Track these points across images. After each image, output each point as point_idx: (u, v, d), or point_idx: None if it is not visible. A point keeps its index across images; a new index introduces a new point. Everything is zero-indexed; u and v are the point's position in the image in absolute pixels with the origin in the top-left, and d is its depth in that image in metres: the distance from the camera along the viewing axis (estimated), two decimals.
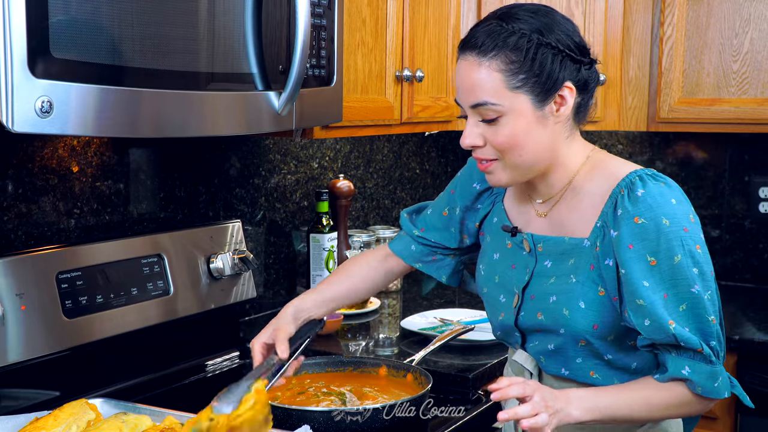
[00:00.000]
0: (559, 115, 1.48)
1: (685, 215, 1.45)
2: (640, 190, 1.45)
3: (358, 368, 1.96)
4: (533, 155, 1.49)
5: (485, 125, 1.48)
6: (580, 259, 1.51)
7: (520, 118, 1.46)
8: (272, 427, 1.62)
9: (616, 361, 1.53)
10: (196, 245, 2.13)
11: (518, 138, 1.47)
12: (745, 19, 2.66)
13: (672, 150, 3.13)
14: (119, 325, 1.91)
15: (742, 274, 3.06)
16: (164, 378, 2.02)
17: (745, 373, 2.42)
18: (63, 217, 1.96)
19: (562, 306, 1.51)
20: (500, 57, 1.44)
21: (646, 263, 1.43)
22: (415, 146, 3.21)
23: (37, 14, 1.31)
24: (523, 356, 1.63)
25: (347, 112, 2.13)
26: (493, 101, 1.45)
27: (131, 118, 1.49)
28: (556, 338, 1.55)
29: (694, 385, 1.45)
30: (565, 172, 1.54)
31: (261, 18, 1.73)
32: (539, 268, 1.56)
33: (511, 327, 1.61)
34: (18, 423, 1.57)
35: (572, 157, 1.54)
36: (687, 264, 1.43)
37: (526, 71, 1.44)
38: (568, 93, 1.47)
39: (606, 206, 1.48)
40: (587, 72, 1.50)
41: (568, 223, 1.54)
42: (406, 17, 2.38)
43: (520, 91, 1.45)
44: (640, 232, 1.43)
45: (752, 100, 2.66)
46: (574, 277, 1.51)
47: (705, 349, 1.43)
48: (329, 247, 2.57)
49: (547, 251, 1.56)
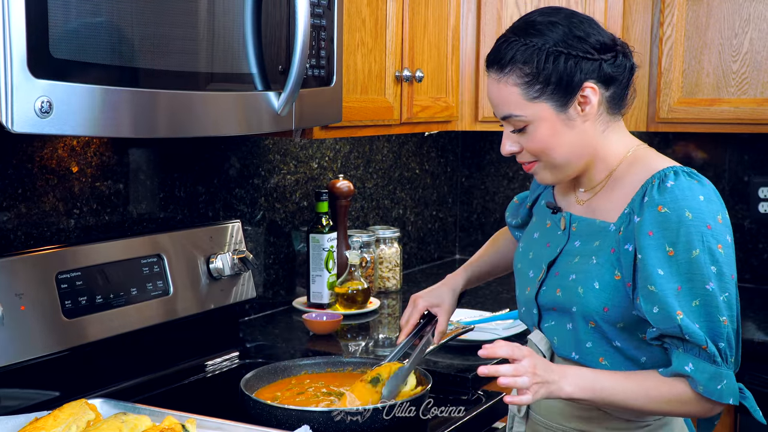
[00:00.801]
0: (585, 114, 1.53)
1: (712, 214, 1.46)
2: (671, 182, 1.48)
3: (357, 368, 1.96)
4: (567, 155, 1.56)
5: (518, 134, 1.56)
6: (604, 242, 1.55)
7: (545, 123, 1.53)
8: (272, 427, 1.62)
9: (626, 350, 1.54)
10: (195, 245, 2.13)
11: (548, 142, 1.54)
12: (745, 19, 2.66)
13: (672, 150, 3.13)
14: (119, 325, 1.91)
15: (742, 274, 3.06)
16: (164, 378, 2.02)
17: (745, 373, 2.42)
18: (63, 217, 1.96)
19: (579, 284, 1.55)
20: (515, 72, 1.52)
21: (664, 252, 1.45)
22: (414, 146, 3.21)
23: (37, 14, 1.31)
24: (538, 336, 1.66)
25: (347, 113, 2.13)
26: (517, 113, 1.54)
27: (131, 118, 1.49)
28: (569, 318, 1.58)
29: (696, 383, 1.45)
30: (606, 165, 1.59)
31: (261, 18, 1.73)
32: (569, 247, 1.61)
33: (531, 302, 1.66)
34: (18, 423, 1.57)
35: (613, 150, 1.59)
36: (705, 260, 1.44)
37: (541, 81, 1.51)
38: (590, 92, 1.52)
39: (636, 194, 1.52)
40: (611, 66, 1.53)
41: (602, 209, 1.59)
42: (405, 17, 2.38)
43: (539, 100, 1.52)
44: (662, 221, 1.46)
45: (752, 101, 2.66)
46: (595, 259, 1.55)
47: (710, 347, 1.43)
48: (329, 247, 2.56)
49: (579, 231, 1.61)
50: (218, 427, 1.60)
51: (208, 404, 1.91)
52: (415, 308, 1.87)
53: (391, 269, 2.85)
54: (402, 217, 3.15)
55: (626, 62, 1.56)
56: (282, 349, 2.24)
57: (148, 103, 1.52)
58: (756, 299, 2.89)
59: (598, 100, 1.53)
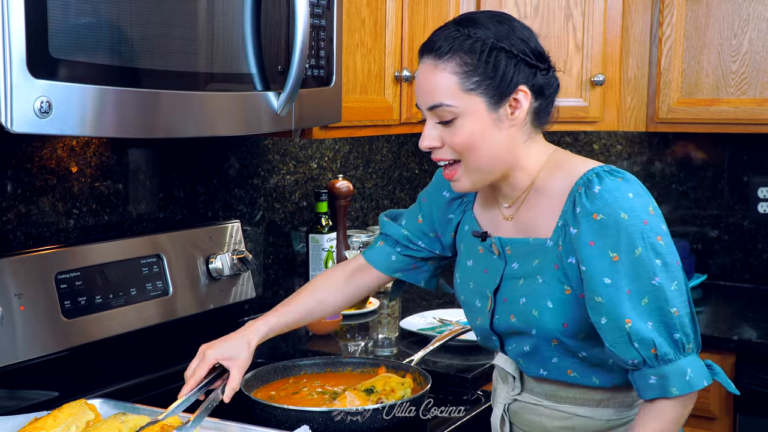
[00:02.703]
0: (514, 118, 1.50)
1: (643, 208, 1.45)
2: (597, 186, 1.46)
3: (357, 368, 1.96)
4: (490, 157, 1.52)
5: (442, 127, 1.51)
6: (545, 259, 1.52)
7: (475, 119, 1.49)
8: (272, 427, 1.62)
9: (592, 358, 1.54)
10: (195, 245, 2.13)
11: (474, 139, 1.49)
12: (744, 19, 2.66)
13: (671, 150, 3.13)
14: (118, 325, 1.91)
15: (741, 274, 3.06)
16: (163, 378, 2.02)
17: (744, 373, 2.42)
18: (62, 217, 1.96)
19: (531, 307, 1.53)
20: (455, 60, 1.48)
21: (608, 259, 1.43)
22: (414, 146, 3.21)
23: (36, 14, 1.31)
24: (502, 359, 1.65)
25: (346, 113, 2.13)
26: (449, 102, 1.48)
27: (130, 118, 1.49)
28: (530, 339, 1.56)
29: (666, 389, 1.43)
30: (526, 174, 1.56)
31: (260, 18, 1.73)
32: (508, 271, 1.58)
33: (487, 331, 1.62)
34: (17, 423, 1.57)
35: (533, 160, 1.56)
36: (648, 256, 1.43)
37: (480, 74, 1.47)
38: (522, 96, 1.49)
39: (566, 205, 1.50)
40: (544, 77, 1.52)
41: (532, 224, 1.56)
42: (405, 17, 2.38)
43: (474, 93, 1.48)
44: (599, 228, 1.44)
45: (751, 101, 2.66)
46: (540, 278, 1.52)
47: (660, 349, 1.42)
48: (328, 247, 2.56)
49: (515, 253, 1.57)
50: (218, 427, 1.60)
51: None
52: (203, 361, 1.68)
53: None
54: None
55: (554, 80, 1.55)
56: (281, 349, 2.24)
57: (148, 103, 1.52)
58: (756, 299, 2.89)
59: (528, 107, 1.50)
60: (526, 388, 1.63)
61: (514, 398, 1.65)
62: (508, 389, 1.66)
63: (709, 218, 3.09)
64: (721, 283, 3.08)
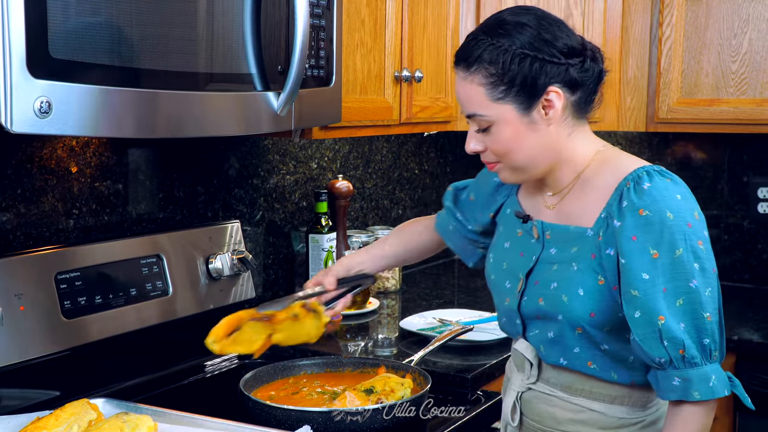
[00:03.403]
0: (549, 118, 1.52)
1: (689, 211, 1.48)
2: (647, 183, 1.48)
3: (357, 368, 1.96)
4: (530, 158, 1.55)
5: (482, 133, 1.56)
6: (583, 248, 1.54)
7: (508, 125, 1.52)
8: (272, 427, 1.62)
9: (613, 352, 1.55)
10: (195, 246, 2.13)
11: (510, 144, 1.53)
12: (744, 19, 2.66)
13: (671, 150, 3.13)
14: (118, 325, 1.91)
15: (741, 274, 3.07)
16: (163, 378, 2.02)
17: (744, 373, 2.42)
18: (62, 217, 1.96)
19: (562, 292, 1.54)
20: (480, 72, 1.51)
21: (648, 255, 1.45)
22: (414, 147, 3.21)
23: (36, 15, 1.31)
24: (523, 345, 1.65)
25: (346, 113, 2.13)
26: (481, 113, 1.53)
27: (130, 118, 1.49)
28: (555, 325, 1.57)
29: (688, 392, 1.44)
30: (572, 167, 1.58)
31: (260, 18, 1.73)
32: (545, 255, 1.60)
33: (514, 312, 1.64)
34: (19, 423, 1.57)
35: (579, 153, 1.58)
36: (688, 258, 1.45)
37: (506, 83, 1.50)
38: (554, 96, 1.51)
39: (611, 198, 1.51)
40: (578, 71, 1.52)
41: (574, 214, 1.58)
42: (405, 18, 2.38)
43: (503, 101, 1.51)
44: (644, 224, 1.45)
45: (751, 101, 2.67)
46: (576, 265, 1.54)
47: (688, 351, 1.43)
48: (328, 247, 2.56)
49: (554, 239, 1.59)
50: (218, 427, 1.60)
51: (207, 404, 1.91)
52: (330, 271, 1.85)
53: (390, 270, 2.85)
54: (401, 218, 3.15)
55: (595, 67, 1.55)
56: (281, 349, 2.24)
57: (148, 104, 1.52)
58: (756, 299, 2.89)
59: (563, 104, 1.52)
60: (542, 377, 1.65)
61: (528, 387, 1.66)
62: (523, 378, 1.67)
63: (708, 218, 3.08)
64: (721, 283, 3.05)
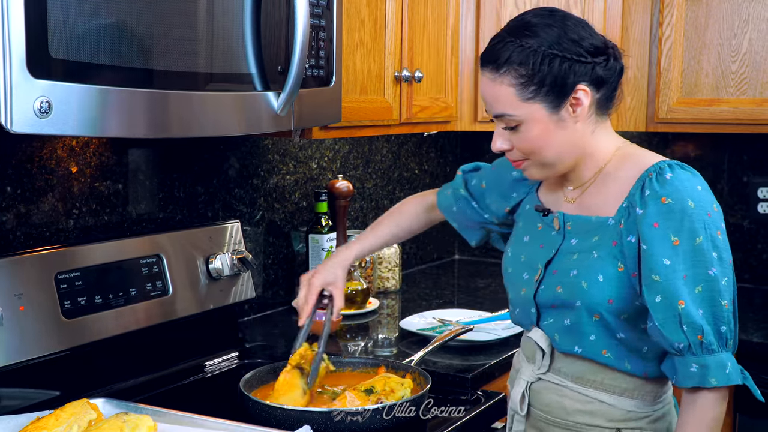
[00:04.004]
0: (576, 115, 1.56)
1: (709, 202, 1.52)
2: (669, 174, 1.52)
3: (357, 368, 1.96)
4: (557, 154, 1.59)
5: (509, 132, 1.59)
6: (604, 236, 1.57)
7: (538, 124, 1.56)
8: (272, 427, 1.62)
9: (629, 342, 1.57)
10: (194, 246, 2.13)
11: (539, 142, 1.57)
12: (744, 19, 2.66)
13: (671, 150, 3.13)
14: (118, 325, 1.91)
15: (741, 274, 3.06)
16: (163, 378, 2.02)
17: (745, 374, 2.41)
18: (62, 217, 1.96)
19: (581, 279, 1.57)
20: (511, 73, 1.54)
21: (670, 242, 1.49)
22: (414, 147, 3.21)
23: (36, 15, 1.31)
24: (537, 334, 1.67)
25: (346, 113, 2.13)
26: (510, 113, 1.56)
27: (130, 118, 1.49)
28: (572, 313, 1.59)
29: (705, 379, 1.47)
30: (595, 163, 1.62)
31: (260, 18, 1.73)
32: (565, 246, 1.63)
33: (529, 301, 1.66)
34: (19, 423, 1.57)
35: (601, 148, 1.62)
36: (707, 247, 1.48)
37: (536, 83, 1.53)
38: (582, 95, 1.55)
39: (633, 188, 1.55)
40: (603, 69, 1.56)
41: (595, 205, 1.62)
42: (405, 17, 2.38)
43: (533, 101, 1.54)
44: (666, 211, 1.49)
45: (751, 101, 2.66)
46: (596, 253, 1.57)
47: (707, 337, 1.47)
48: (328, 247, 2.56)
49: (575, 229, 1.62)
50: (218, 427, 1.60)
51: (207, 404, 1.91)
52: (311, 289, 1.87)
53: (390, 269, 2.85)
54: None
55: (616, 65, 1.60)
56: (281, 350, 2.24)
57: (147, 104, 1.51)
58: (756, 299, 2.89)
59: (590, 101, 1.56)
60: (553, 367, 1.66)
61: (538, 377, 1.68)
62: (534, 368, 1.68)
63: None
64: None
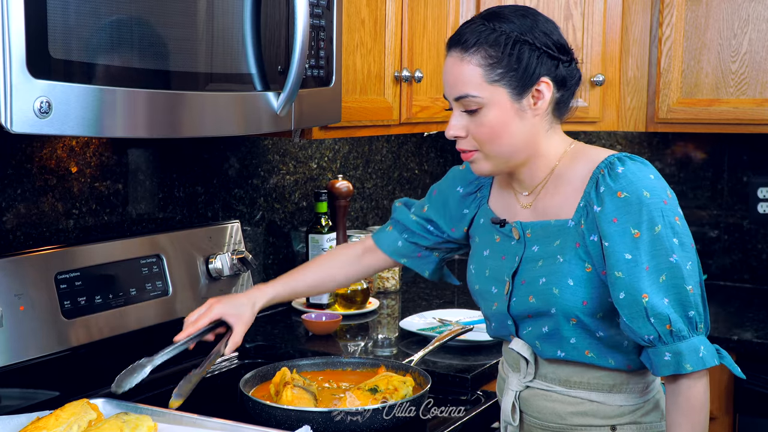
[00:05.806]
0: (536, 108, 1.57)
1: (663, 189, 1.53)
2: (620, 167, 1.53)
3: (357, 368, 1.96)
4: (512, 146, 1.58)
5: (468, 117, 1.57)
6: (566, 239, 1.57)
7: (499, 109, 1.55)
8: (272, 427, 1.62)
9: (608, 339, 1.57)
10: (194, 246, 2.13)
11: (497, 129, 1.56)
12: (744, 19, 2.66)
13: (671, 150, 3.13)
14: (118, 325, 1.91)
15: (741, 274, 3.07)
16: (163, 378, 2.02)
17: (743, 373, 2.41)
18: (62, 217, 1.96)
19: (552, 285, 1.56)
20: (480, 52, 1.54)
21: (630, 236, 1.49)
22: (413, 147, 3.21)
23: (36, 15, 1.31)
24: (519, 344, 1.66)
25: (346, 113, 2.13)
26: (474, 93, 1.55)
27: (130, 118, 1.49)
28: (549, 320, 1.59)
29: (681, 366, 1.48)
30: (546, 163, 1.62)
31: (260, 18, 1.73)
32: (528, 254, 1.62)
33: (504, 315, 1.65)
34: (19, 423, 1.57)
35: (553, 149, 1.62)
36: (667, 234, 1.49)
37: (504, 66, 1.53)
38: (545, 88, 1.56)
39: (588, 186, 1.55)
40: (566, 69, 1.58)
41: (551, 209, 1.61)
42: (405, 18, 2.38)
43: (498, 84, 1.54)
44: (623, 205, 1.50)
45: (751, 101, 2.66)
46: (561, 257, 1.56)
47: (675, 324, 1.47)
48: (328, 247, 2.56)
49: (535, 236, 1.62)
50: (218, 427, 1.60)
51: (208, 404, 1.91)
52: (208, 313, 1.76)
53: (390, 270, 2.85)
54: None
55: (576, 71, 1.61)
56: (281, 350, 2.24)
57: (147, 104, 1.52)
58: (755, 299, 2.89)
59: (550, 98, 1.57)
60: (539, 373, 1.66)
61: (526, 385, 1.67)
62: (520, 377, 1.67)
63: (708, 218, 3.09)
64: (721, 284, 3.08)
